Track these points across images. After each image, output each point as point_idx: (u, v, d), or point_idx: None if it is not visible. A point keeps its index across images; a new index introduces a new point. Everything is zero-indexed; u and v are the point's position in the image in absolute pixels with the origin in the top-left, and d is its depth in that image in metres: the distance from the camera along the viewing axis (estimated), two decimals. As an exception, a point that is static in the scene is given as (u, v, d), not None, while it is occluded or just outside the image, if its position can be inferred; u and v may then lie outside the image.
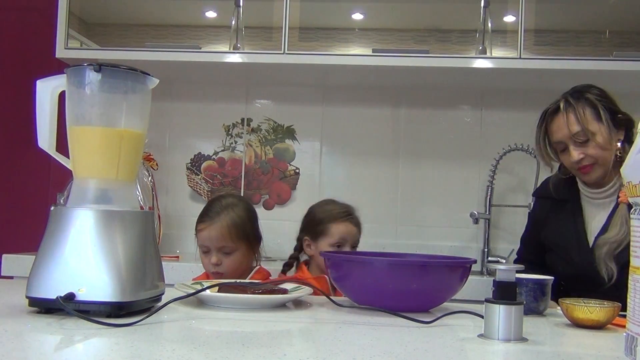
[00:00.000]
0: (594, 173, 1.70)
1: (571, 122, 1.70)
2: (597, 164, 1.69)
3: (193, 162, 2.94)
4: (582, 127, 1.67)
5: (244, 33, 2.60)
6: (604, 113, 1.69)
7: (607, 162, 1.68)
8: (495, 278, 1.00)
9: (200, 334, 0.98)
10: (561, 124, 1.72)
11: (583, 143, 1.69)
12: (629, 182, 0.84)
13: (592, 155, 1.68)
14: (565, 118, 1.71)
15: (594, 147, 1.68)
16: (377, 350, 0.88)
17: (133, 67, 1.12)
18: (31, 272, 1.03)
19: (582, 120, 1.68)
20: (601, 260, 1.58)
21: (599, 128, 1.68)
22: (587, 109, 1.69)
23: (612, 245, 1.57)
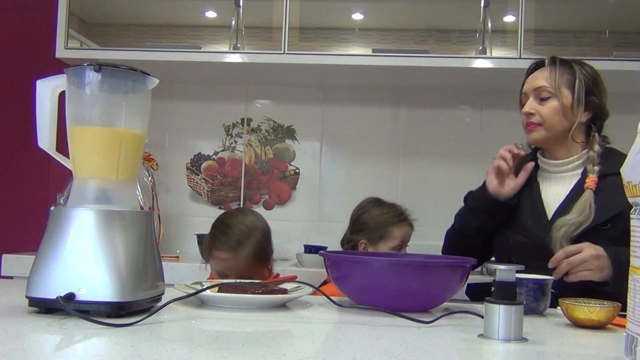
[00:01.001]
0: (537, 133, 1.68)
1: (544, 76, 1.69)
2: (543, 126, 1.67)
3: (193, 162, 2.95)
4: (551, 83, 1.66)
5: (244, 33, 2.60)
6: (580, 86, 1.66)
7: (554, 129, 1.66)
8: (495, 278, 1.00)
9: (200, 334, 0.98)
10: (537, 75, 1.71)
11: (542, 100, 1.67)
12: (629, 182, 0.84)
13: (543, 115, 1.66)
14: (543, 72, 1.70)
15: (549, 108, 1.66)
16: (377, 350, 0.88)
17: (133, 67, 1.12)
18: (31, 272, 1.03)
19: (555, 79, 1.66)
20: (557, 241, 1.55)
21: (566, 94, 1.66)
22: (565, 74, 1.68)
23: (571, 227, 1.55)
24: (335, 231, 2.81)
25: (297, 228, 2.85)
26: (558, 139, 1.68)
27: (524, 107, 1.70)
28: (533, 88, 1.69)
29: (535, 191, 1.70)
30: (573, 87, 1.67)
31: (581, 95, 1.66)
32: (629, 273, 0.91)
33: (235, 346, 0.87)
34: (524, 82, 1.75)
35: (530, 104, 1.69)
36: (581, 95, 1.66)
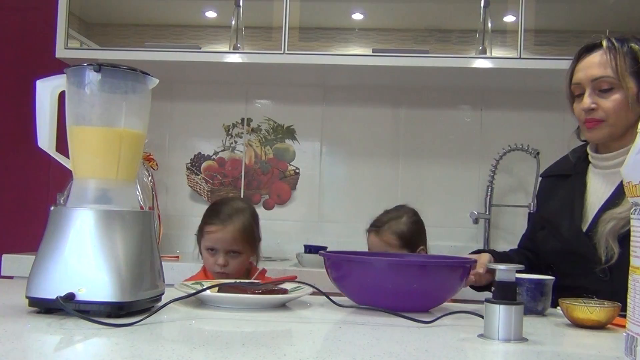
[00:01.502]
0: (599, 131, 1.47)
1: (603, 63, 1.45)
2: (605, 122, 1.46)
3: (193, 162, 2.95)
4: (614, 72, 1.43)
5: (244, 33, 2.60)
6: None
7: (618, 125, 1.45)
8: (495, 278, 1.00)
9: (200, 334, 0.98)
10: (591, 62, 1.48)
11: (603, 92, 1.46)
12: (629, 182, 0.84)
13: (606, 109, 1.45)
14: (599, 57, 1.46)
15: (613, 102, 1.44)
16: (377, 350, 0.88)
17: (133, 67, 1.12)
18: (31, 272, 1.03)
19: (617, 66, 1.43)
20: (603, 237, 1.38)
21: (631, 84, 1.44)
22: (628, 58, 1.44)
23: (620, 222, 1.36)
24: (335, 231, 2.82)
25: (297, 228, 2.85)
26: (621, 134, 1.47)
27: (582, 102, 1.49)
28: (590, 78, 1.47)
29: (578, 191, 1.52)
30: (638, 73, 1.44)
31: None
32: None
33: (235, 346, 0.87)
34: (574, 68, 1.54)
35: (589, 97, 1.47)
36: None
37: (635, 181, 0.82)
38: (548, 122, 2.82)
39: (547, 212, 1.59)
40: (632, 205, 0.85)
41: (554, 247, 1.52)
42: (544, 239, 1.58)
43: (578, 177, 1.56)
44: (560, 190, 1.58)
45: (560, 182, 1.61)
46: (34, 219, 2.65)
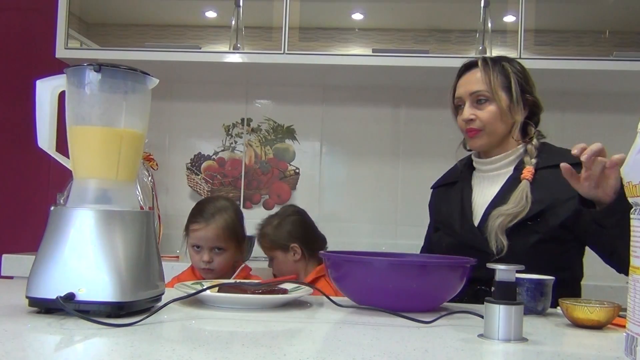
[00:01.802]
0: (479, 139, 1.65)
1: (478, 79, 1.65)
2: (483, 131, 1.64)
3: (193, 162, 2.95)
4: (488, 87, 1.63)
5: (244, 33, 2.60)
6: (515, 86, 1.64)
7: (495, 132, 1.64)
8: (495, 278, 1.00)
9: (200, 334, 0.98)
10: (469, 79, 1.67)
11: (480, 104, 1.64)
12: (629, 182, 0.84)
13: (483, 119, 1.63)
14: (475, 74, 1.66)
15: (488, 112, 1.63)
16: (377, 350, 0.88)
17: (133, 67, 1.12)
18: (31, 272, 1.03)
19: (491, 81, 1.63)
20: (492, 232, 1.51)
21: (503, 96, 1.63)
22: (499, 75, 1.65)
23: (507, 217, 1.51)
24: (335, 231, 2.82)
25: (297, 228, 2.85)
26: (498, 141, 1.66)
27: (462, 114, 1.67)
28: (469, 92, 1.66)
29: (466, 193, 1.68)
30: (509, 88, 1.64)
31: (518, 96, 1.64)
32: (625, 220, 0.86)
33: (235, 346, 0.87)
34: (456, 84, 1.72)
35: (468, 109, 1.65)
36: (518, 96, 1.64)
37: (635, 181, 0.82)
38: (548, 122, 2.82)
39: (441, 216, 1.74)
40: (632, 205, 0.85)
41: (449, 243, 1.64)
42: (439, 238, 1.71)
43: (465, 182, 1.72)
44: (451, 195, 1.74)
45: (450, 189, 1.76)
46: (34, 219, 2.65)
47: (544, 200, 1.54)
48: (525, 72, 1.71)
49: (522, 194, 1.54)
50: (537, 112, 1.71)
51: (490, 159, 1.69)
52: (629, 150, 0.85)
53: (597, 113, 2.81)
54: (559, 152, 1.66)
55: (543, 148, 1.66)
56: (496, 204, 1.59)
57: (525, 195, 1.54)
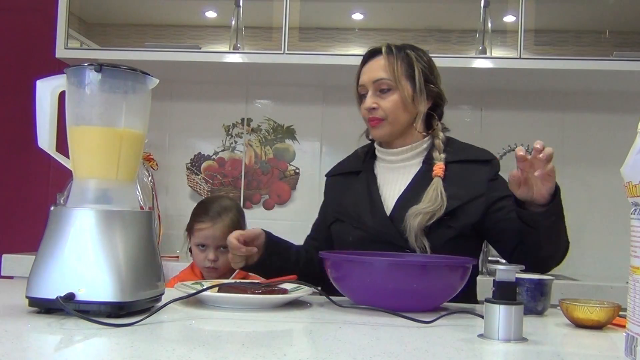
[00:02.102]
0: (381, 129, 1.61)
1: (382, 66, 1.60)
2: (386, 121, 1.59)
3: (193, 162, 2.95)
4: (391, 75, 1.59)
5: (244, 33, 2.60)
6: (419, 75, 1.60)
7: (397, 122, 1.60)
8: (495, 278, 1.00)
9: (200, 334, 0.98)
10: (373, 66, 1.62)
11: (383, 93, 1.60)
12: (629, 182, 0.84)
13: (386, 109, 1.59)
14: (380, 62, 1.61)
15: (391, 102, 1.58)
16: (377, 350, 0.88)
17: (133, 67, 1.12)
18: (31, 272, 1.03)
19: (395, 69, 1.59)
20: (412, 232, 1.48)
21: (406, 85, 1.59)
22: (403, 64, 1.60)
23: (426, 216, 1.48)
24: (335, 231, 2.82)
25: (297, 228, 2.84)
26: (401, 131, 1.63)
27: (365, 102, 1.63)
28: (372, 80, 1.61)
29: (372, 184, 1.63)
30: (413, 78, 1.60)
31: (422, 86, 1.60)
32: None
33: (235, 346, 0.87)
34: (360, 72, 1.68)
35: (371, 97, 1.61)
36: (422, 86, 1.60)
37: (635, 181, 0.82)
38: (548, 122, 2.82)
39: (343, 206, 1.65)
40: (632, 205, 0.85)
41: (357, 237, 1.58)
42: (342, 231, 1.63)
43: (368, 172, 1.67)
44: (354, 185, 1.67)
45: (350, 179, 1.70)
46: (34, 219, 2.66)
47: (458, 195, 1.53)
48: (431, 62, 1.68)
49: (437, 192, 1.52)
50: (441, 104, 1.68)
51: (395, 150, 1.65)
52: (629, 150, 0.85)
53: (597, 113, 2.81)
54: (465, 147, 1.68)
55: (448, 142, 1.65)
56: (407, 198, 1.55)
57: (439, 193, 1.51)
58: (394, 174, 1.64)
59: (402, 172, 1.63)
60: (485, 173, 1.62)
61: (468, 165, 1.61)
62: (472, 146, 1.71)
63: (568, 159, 2.80)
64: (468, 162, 1.62)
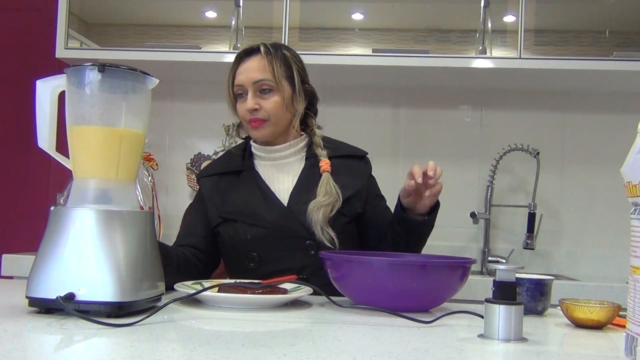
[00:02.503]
0: (264, 130, 1.62)
1: (262, 67, 1.60)
2: (269, 122, 1.61)
3: (193, 162, 2.94)
4: (273, 76, 1.60)
5: (244, 33, 2.60)
6: (297, 75, 1.64)
7: (279, 123, 1.63)
8: (495, 278, 1.00)
9: (200, 334, 0.98)
10: (252, 66, 1.62)
11: (263, 94, 1.61)
12: (629, 182, 0.84)
13: (268, 110, 1.60)
14: (258, 62, 1.61)
15: (273, 103, 1.60)
16: (377, 350, 0.88)
17: (133, 67, 1.12)
18: (31, 272, 1.03)
19: (275, 70, 1.60)
20: (318, 224, 1.53)
21: (286, 86, 1.62)
22: (282, 64, 1.63)
23: (327, 208, 1.54)
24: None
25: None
26: (282, 131, 1.66)
27: (246, 103, 1.61)
28: (252, 81, 1.60)
29: (259, 181, 1.64)
30: (292, 78, 1.64)
31: (299, 86, 1.64)
32: None
33: (235, 346, 0.87)
34: (235, 71, 1.65)
35: (252, 99, 1.61)
36: (299, 86, 1.64)
37: (635, 181, 0.82)
38: (548, 122, 2.82)
39: (233, 206, 1.63)
40: (632, 205, 0.85)
41: (255, 234, 1.58)
42: (236, 230, 1.60)
43: (251, 170, 1.68)
44: (238, 184, 1.66)
45: (230, 178, 1.68)
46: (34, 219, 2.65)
47: (348, 185, 1.63)
48: (302, 63, 1.71)
49: (329, 185, 1.59)
50: (315, 102, 1.76)
51: (276, 148, 1.67)
52: (629, 150, 0.85)
53: (597, 113, 2.81)
54: (342, 144, 1.80)
55: (325, 139, 1.74)
56: (300, 192, 1.60)
57: (332, 186, 1.59)
58: (278, 171, 1.67)
59: (286, 169, 1.67)
60: (364, 168, 1.76)
61: (347, 159, 1.72)
62: (347, 143, 1.83)
63: (568, 159, 2.80)
64: (347, 157, 1.73)
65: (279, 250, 1.57)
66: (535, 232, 2.63)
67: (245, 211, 1.61)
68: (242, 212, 1.61)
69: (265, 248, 1.58)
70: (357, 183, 1.67)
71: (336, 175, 1.63)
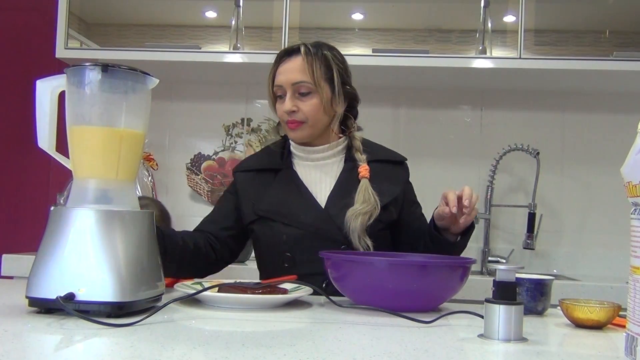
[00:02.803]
0: (301, 132, 1.60)
1: (302, 68, 1.58)
2: (306, 124, 1.59)
3: (193, 162, 2.95)
4: (312, 78, 1.57)
5: (244, 33, 2.60)
6: (337, 77, 1.60)
7: (317, 125, 1.61)
8: (495, 278, 1.00)
9: (200, 334, 0.98)
10: (292, 67, 1.59)
11: (302, 96, 1.58)
12: (629, 182, 0.84)
13: (306, 112, 1.58)
14: (299, 63, 1.59)
15: (311, 105, 1.58)
16: (377, 350, 0.88)
17: (133, 67, 1.12)
18: (31, 272, 1.03)
19: (314, 72, 1.57)
20: (356, 232, 1.51)
21: (326, 88, 1.59)
22: (322, 65, 1.59)
23: (365, 216, 1.52)
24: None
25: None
26: (320, 133, 1.64)
27: (285, 105, 1.60)
28: (291, 82, 1.58)
29: (297, 180, 1.62)
30: (332, 80, 1.60)
31: (339, 88, 1.61)
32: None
33: (235, 346, 0.87)
34: (275, 72, 1.63)
35: (290, 100, 1.59)
36: (339, 88, 1.61)
37: (635, 181, 0.82)
38: (548, 122, 2.82)
39: (268, 204, 1.61)
40: (632, 205, 0.85)
41: (291, 234, 1.56)
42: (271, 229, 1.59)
43: (289, 170, 1.65)
44: (274, 183, 1.64)
45: (266, 176, 1.66)
46: (34, 219, 2.65)
47: (385, 191, 1.60)
48: (345, 62, 1.67)
49: (367, 193, 1.56)
50: (355, 104, 1.70)
51: (315, 149, 1.65)
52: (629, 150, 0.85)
53: (597, 113, 2.81)
54: (381, 148, 1.75)
55: (364, 142, 1.70)
56: (339, 195, 1.59)
57: (371, 194, 1.56)
58: (318, 172, 1.65)
59: (325, 171, 1.65)
60: (402, 173, 1.73)
61: (386, 164, 1.69)
62: (386, 147, 1.79)
63: (568, 159, 2.80)
64: (387, 162, 1.70)
65: (314, 252, 1.50)
66: (535, 232, 2.63)
67: (281, 210, 1.59)
68: (279, 212, 1.60)
69: (301, 249, 1.55)
70: (395, 189, 1.64)
71: (374, 180, 1.60)
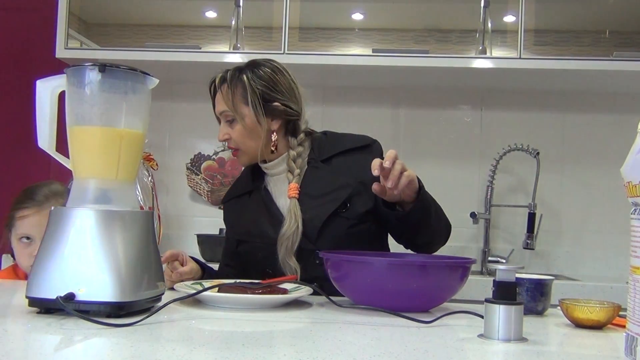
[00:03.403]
0: (240, 157, 1.62)
1: (219, 99, 1.59)
2: (241, 150, 1.59)
3: (193, 162, 2.95)
4: (230, 106, 1.55)
5: (244, 33, 2.60)
6: (254, 99, 1.54)
7: (250, 150, 1.58)
8: (495, 278, 1.00)
9: (200, 334, 0.98)
10: (219, 96, 1.60)
11: (230, 123, 1.58)
12: (629, 182, 0.84)
13: (235, 139, 1.57)
14: (222, 92, 1.58)
15: (237, 132, 1.57)
16: (377, 350, 0.88)
17: (133, 67, 1.12)
18: (31, 272, 1.03)
19: (232, 99, 1.55)
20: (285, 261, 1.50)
21: (246, 112, 1.55)
22: (238, 89, 1.56)
23: (288, 241, 1.49)
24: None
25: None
26: (262, 152, 1.59)
27: (218, 134, 1.61)
28: (218, 112, 1.60)
29: (267, 198, 1.61)
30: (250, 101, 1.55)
31: (258, 110, 1.55)
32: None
33: (235, 346, 0.87)
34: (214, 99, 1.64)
35: (222, 129, 1.60)
36: (258, 110, 1.55)
37: (635, 181, 0.82)
38: (548, 122, 2.82)
39: (243, 227, 1.64)
40: (632, 205, 0.85)
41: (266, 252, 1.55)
42: (249, 250, 1.61)
43: (259, 190, 1.64)
44: (250, 205, 1.65)
45: (244, 200, 1.67)
46: (34, 219, 2.64)
47: (349, 184, 1.55)
48: (273, 77, 1.59)
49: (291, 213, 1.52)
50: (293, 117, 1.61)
51: (271, 164, 1.63)
52: (629, 150, 0.85)
53: (597, 113, 2.81)
54: (343, 137, 1.69)
55: (326, 138, 1.66)
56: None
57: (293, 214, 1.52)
58: (283, 185, 1.61)
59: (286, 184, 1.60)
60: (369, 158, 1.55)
61: (351, 153, 1.63)
62: (350, 134, 1.73)
63: (568, 159, 2.80)
64: (350, 151, 1.63)
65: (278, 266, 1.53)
66: (535, 232, 2.63)
67: (253, 231, 1.61)
68: (250, 232, 1.61)
69: (277, 264, 1.55)
70: (360, 179, 1.55)
71: (339, 172, 1.57)
